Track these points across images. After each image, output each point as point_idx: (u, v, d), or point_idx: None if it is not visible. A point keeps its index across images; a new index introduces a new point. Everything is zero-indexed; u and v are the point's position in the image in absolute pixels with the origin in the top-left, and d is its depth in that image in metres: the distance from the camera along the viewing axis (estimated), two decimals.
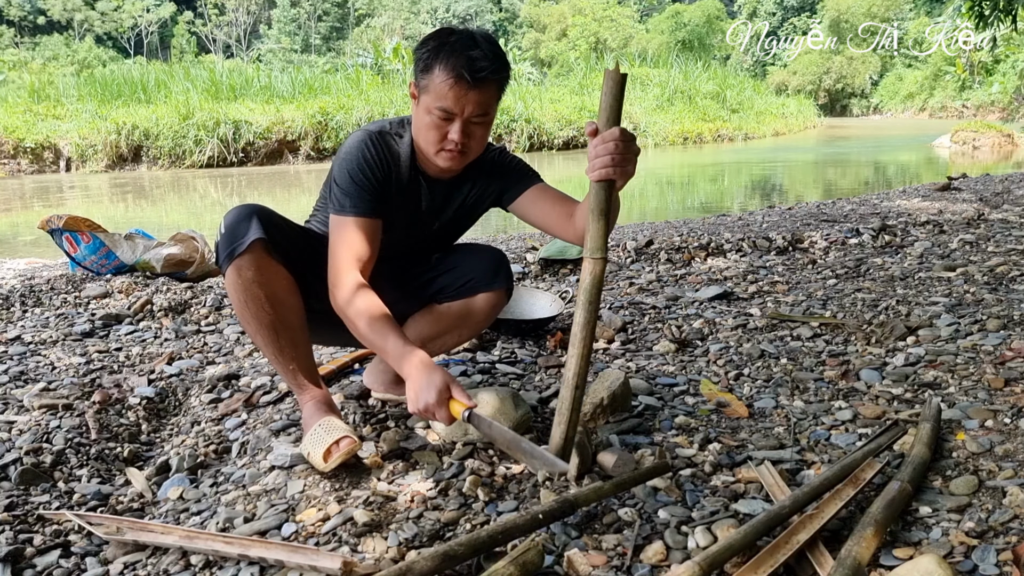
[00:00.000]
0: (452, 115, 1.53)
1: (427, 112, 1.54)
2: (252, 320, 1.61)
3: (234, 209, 1.62)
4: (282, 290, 1.62)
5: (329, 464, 1.52)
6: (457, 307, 1.81)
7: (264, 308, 1.60)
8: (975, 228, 4.22)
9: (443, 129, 1.55)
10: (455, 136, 1.54)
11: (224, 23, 51.01)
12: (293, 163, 14.42)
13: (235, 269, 1.57)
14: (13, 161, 13.47)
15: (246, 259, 1.57)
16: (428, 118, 1.54)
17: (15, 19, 44.80)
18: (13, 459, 1.68)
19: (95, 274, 3.54)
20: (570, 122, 16.89)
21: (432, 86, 1.52)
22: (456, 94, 1.50)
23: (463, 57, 1.49)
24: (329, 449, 1.53)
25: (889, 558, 1.21)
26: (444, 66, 1.49)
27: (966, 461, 1.51)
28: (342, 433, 1.56)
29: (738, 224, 5.05)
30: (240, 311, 1.61)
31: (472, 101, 1.52)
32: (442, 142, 1.57)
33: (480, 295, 1.79)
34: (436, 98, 1.51)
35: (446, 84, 1.50)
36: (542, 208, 1.71)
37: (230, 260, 1.57)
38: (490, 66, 1.51)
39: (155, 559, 1.35)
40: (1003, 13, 7.15)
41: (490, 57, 1.51)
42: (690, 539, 1.30)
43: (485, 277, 1.79)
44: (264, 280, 1.59)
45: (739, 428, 1.76)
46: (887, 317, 2.52)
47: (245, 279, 1.57)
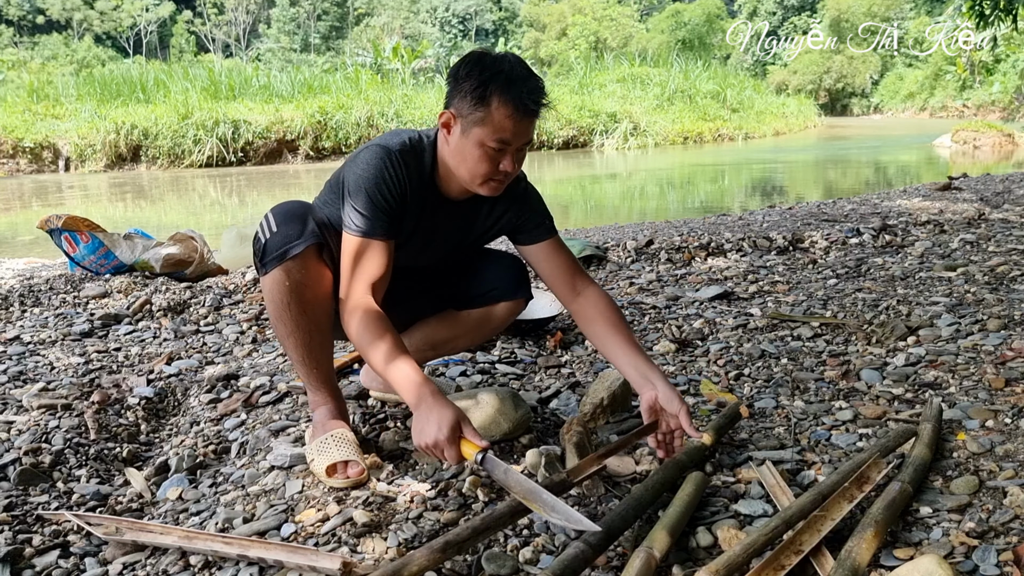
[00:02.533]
0: (507, 146, 1.49)
1: (478, 145, 1.48)
2: (290, 322, 1.57)
3: (285, 205, 1.58)
4: (324, 294, 1.59)
5: (332, 482, 1.51)
6: (477, 314, 1.80)
7: (305, 312, 1.57)
8: (976, 228, 4.22)
9: (496, 161, 1.50)
10: (508, 167, 1.51)
11: (223, 22, 50.99)
12: (292, 162, 14.42)
13: (284, 271, 1.52)
14: (12, 161, 13.48)
15: (298, 262, 1.52)
16: (479, 151, 1.48)
17: (14, 18, 44.78)
18: (12, 459, 1.68)
19: (94, 274, 3.54)
20: (570, 121, 16.89)
21: (490, 119, 1.45)
22: (518, 127, 1.47)
23: (525, 88, 1.45)
24: (335, 466, 1.52)
25: (889, 558, 1.20)
26: (506, 99, 1.44)
27: (967, 461, 1.51)
28: (353, 455, 1.54)
29: (738, 224, 5.05)
30: (279, 312, 1.57)
31: (527, 131, 1.50)
32: (492, 173, 1.51)
33: (502, 304, 1.79)
34: (495, 131, 1.46)
35: (510, 118, 1.45)
36: (549, 267, 1.71)
37: (280, 261, 1.52)
38: (545, 95, 1.50)
39: (154, 559, 1.34)
40: (1003, 13, 7.15)
41: (542, 86, 1.50)
42: (691, 539, 1.30)
43: (510, 287, 1.78)
44: (312, 284, 1.56)
45: (739, 428, 1.76)
46: (888, 317, 2.52)
47: (294, 282, 1.53)
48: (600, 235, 4.77)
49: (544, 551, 1.28)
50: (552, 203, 2.08)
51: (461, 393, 1.75)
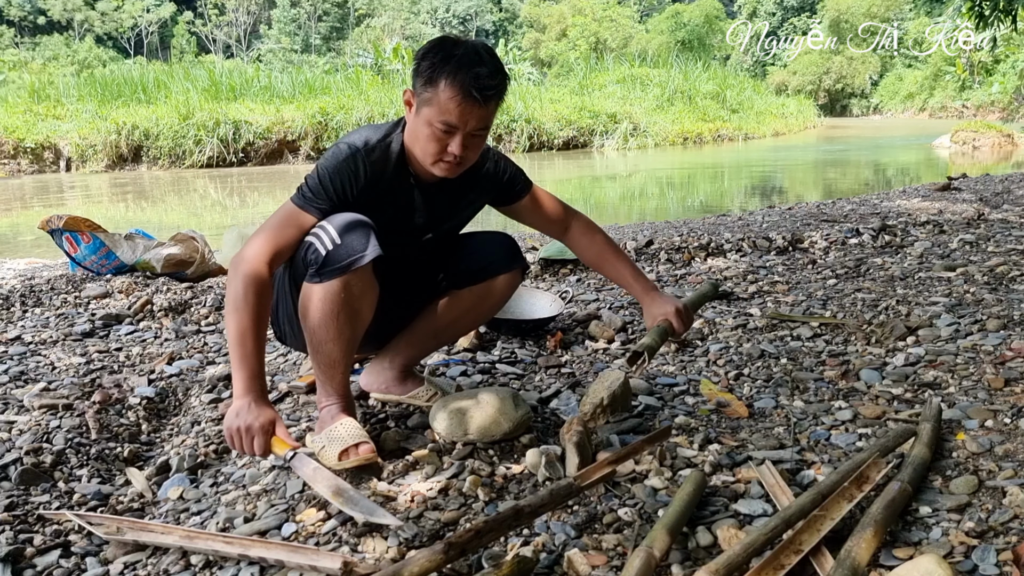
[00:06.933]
0: (454, 129, 1.52)
1: (427, 124, 1.52)
2: (333, 331, 1.56)
3: (345, 216, 1.56)
4: (370, 306, 1.61)
5: (343, 464, 1.52)
6: (477, 290, 1.84)
7: (351, 323, 1.58)
8: (975, 228, 4.22)
9: (443, 142, 1.53)
10: (455, 150, 1.53)
11: (224, 23, 51.00)
12: (293, 163, 14.42)
13: (343, 283, 1.52)
14: (13, 161, 13.48)
15: (358, 276, 1.53)
16: (428, 130, 1.53)
17: (15, 19, 44.81)
18: (13, 459, 1.68)
19: (95, 274, 3.54)
20: (570, 122, 16.88)
21: (436, 100, 1.49)
22: (462, 111, 1.49)
23: (470, 74, 1.47)
24: (347, 450, 1.54)
25: (889, 558, 1.21)
26: (451, 82, 1.47)
27: (966, 461, 1.51)
28: (363, 438, 1.56)
29: (738, 224, 5.05)
30: (325, 321, 1.55)
31: (476, 117, 1.52)
32: (441, 154, 1.55)
33: (500, 277, 1.83)
34: (440, 112, 1.50)
35: (452, 101, 1.48)
36: (536, 218, 1.87)
37: (342, 272, 1.51)
38: (497, 84, 1.51)
39: (155, 559, 1.35)
40: (1003, 13, 7.15)
41: (496, 74, 1.51)
42: (690, 539, 1.30)
43: (505, 259, 1.83)
44: (365, 297, 1.57)
45: (739, 428, 1.76)
46: (887, 317, 2.52)
47: (350, 295, 1.53)
48: None
49: (544, 551, 1.29)
50: None
51: (461, 393, 1.75)
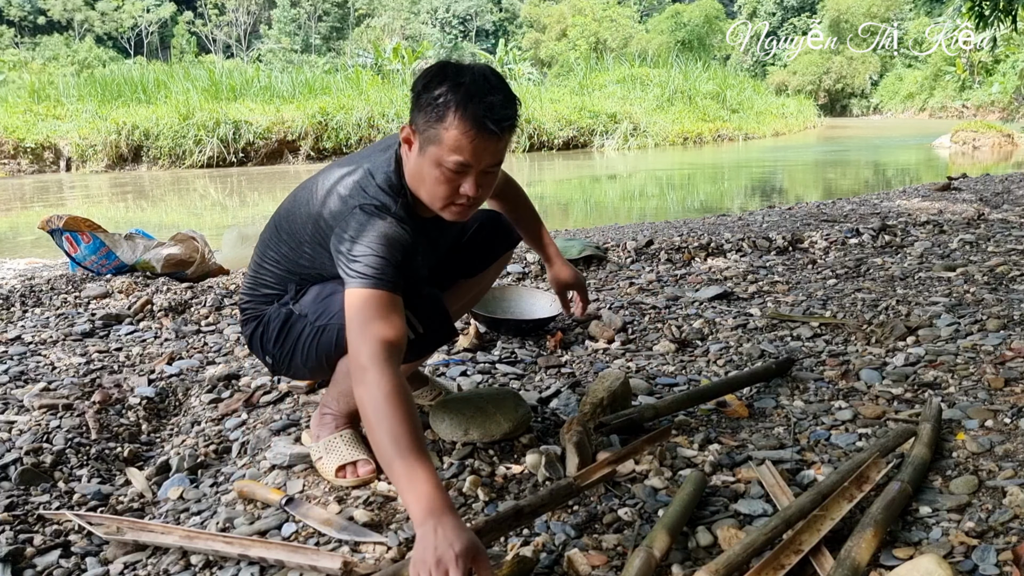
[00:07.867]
0: (467, 168, 1.34)
1: (435, 165, 1.34)
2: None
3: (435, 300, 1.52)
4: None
5: (340, 481, 1.51)
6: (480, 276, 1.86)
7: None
8: (975, 228, 4.22)
9: (455, 183, 1.36)
10: (469, 191, 1.36)
11: (224, 23, 50.99)
12: (293, 163, 14.42)
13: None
14: (13, 161, 13.47)
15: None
16: (436, 172, 1.35)
17: (15, 19, 44.80)
18: (13, 459, 1.68)
19: (95, 274, 3.54)
20: (570, 122, 16.87)
21: (446, 137, 1.31)
22: (475, 146, 1.32)
23: (482, 104, 1.30)
24: (344, 467, 1.52)
25: (889, 558, 1.21)
26: (462, 115, 1.30)
27: (966, 461, 1.51)
28: (362, 455, 1.54)
29: (738, 224, 5.05)
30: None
31: (491, 152, 1.35)
32: (452, 196, 1.38)
33: (504, 256, 1.87)
34: (451, 150, 1.32)
35: (466, 136, 1.30)
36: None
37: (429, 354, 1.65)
38: (512, 113, 1.35)
39: (155, 559, 1.35)
40: (1003, 13, 7.15)
41: (509, 101, 1.35)
42: (690, 539, 1.30)
43: (503, 239, 1.84)
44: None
45: (739, 428, 1.76)
46: (887, 317, 2.52)
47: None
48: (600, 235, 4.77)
49: (545, 550, 1.29)
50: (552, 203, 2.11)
51: (461, 393, 1.75)
